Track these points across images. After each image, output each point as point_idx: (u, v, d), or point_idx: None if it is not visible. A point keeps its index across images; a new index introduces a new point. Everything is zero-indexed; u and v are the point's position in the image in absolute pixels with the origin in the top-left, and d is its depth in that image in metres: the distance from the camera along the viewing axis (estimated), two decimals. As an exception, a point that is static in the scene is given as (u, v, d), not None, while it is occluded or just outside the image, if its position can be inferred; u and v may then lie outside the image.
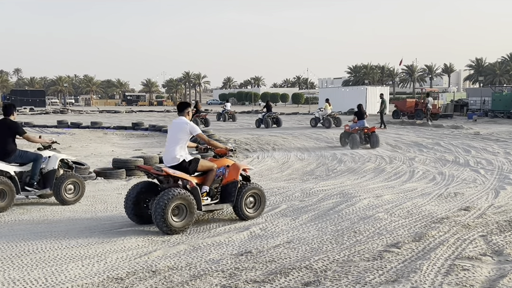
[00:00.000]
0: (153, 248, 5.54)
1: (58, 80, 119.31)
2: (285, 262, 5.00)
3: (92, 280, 4.48)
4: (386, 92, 45.42)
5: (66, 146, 18.65)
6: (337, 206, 7.59)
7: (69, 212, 7.48)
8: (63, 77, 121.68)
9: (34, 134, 12.07)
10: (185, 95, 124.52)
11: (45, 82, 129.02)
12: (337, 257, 5.14)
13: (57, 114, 50.28)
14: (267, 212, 7.33)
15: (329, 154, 15.70)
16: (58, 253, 5.29)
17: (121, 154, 15.11)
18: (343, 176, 11.48)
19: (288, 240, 5.83)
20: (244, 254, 5.27)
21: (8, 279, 4.47)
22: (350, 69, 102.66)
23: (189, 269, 4.80)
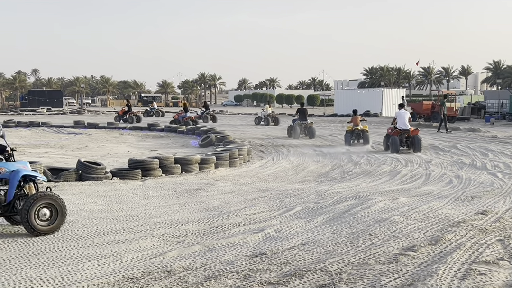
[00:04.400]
0: (168, 249, 5.56)
1: (75, 80, 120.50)
2: (300, 264, 4.99)
3: (107, 279, 4.51)
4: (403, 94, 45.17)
5: (83, 146, 18.84)
6: (352, 209, 7.55)
7: (85, 211, 7.54)
8: (80, 78, 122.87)
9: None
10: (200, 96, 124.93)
11: (63, 83, 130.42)
12: (352, 260, 5.12)
13: (74, 114, 50.85)
14: (282, 214, 7.32)
15: (345, 156, 15.63)
16: (74, 252, 5.34)
17: (137, 155, 15.21)
18: (359, 178, 11.43)
19: (302, 242, 5.82)
20: (258, 256, 5.27)
21: (25, 278, 4.52)
22: (366, 71, 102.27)
23: (203, 270, 4.81)
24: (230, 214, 7.37)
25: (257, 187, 10.14)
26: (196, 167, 12.45)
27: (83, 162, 10.64)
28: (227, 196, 9.10)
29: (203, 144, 19.11)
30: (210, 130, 22.75)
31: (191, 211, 7.72)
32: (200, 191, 9.64)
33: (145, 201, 8.62)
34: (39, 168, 10.04)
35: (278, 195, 9.04)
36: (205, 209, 7.87)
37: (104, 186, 10.01)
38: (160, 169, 11.60)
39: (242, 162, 14.20)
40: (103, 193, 9.17)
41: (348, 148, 18.21)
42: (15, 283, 4.37)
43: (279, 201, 8.37)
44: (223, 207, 7.99)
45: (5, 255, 5.22)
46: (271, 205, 8.04)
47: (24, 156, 15.17)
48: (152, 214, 7.45)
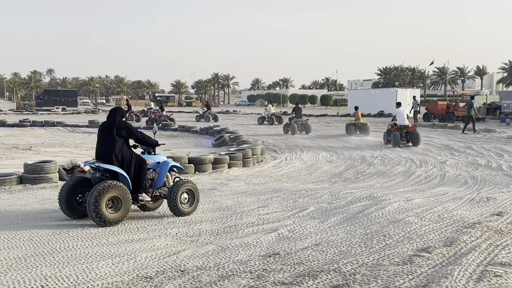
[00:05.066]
0: (182, 248, 5.58)
1: (90, 80, 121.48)
2: (313, 264, 4.97)
3: (122, 278, 4.53)
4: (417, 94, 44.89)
5: (97, 146, 18.94)
6: (366, 209, 7.51)
7: (100, 210, 7.58)
8: (95, 78, 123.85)
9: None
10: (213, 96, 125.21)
11: (77, 83, 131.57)
12: (366, 260, 5.09)
13: (89, 114, 51.19)
14: (295, 214, 7.31)
15: (358, 156, 15.57)
16: (88, 251, 5.38)
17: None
18: (372, 179, 11.37)
19: (316, 242, 5.80)
20: (272, 256, 5.26)
21: (40, 276, 4.56)
22: (380, 71, 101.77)
23: (217, 270, 4.82)
24: (243, 214, 7.37)
25: (270, 187, 10.14)
26: (209, 167, 12.48)
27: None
28: (241, 196, 9.10)
29: (216, 144, 19.14)
30: (223, 130, 22.79)
31: (205, 210, 7.73)
32: (214, 190, 9.65)
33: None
34: (54, 167, 10.14)
35: (291, 195, 9.03)
36: (219, 208, 7.88)
37: (118, 185, 10.06)
38: (173, 168, 11.63)
39: (255, 162, 14.21)
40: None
41: (349, 136, 22.48)
42: (30, 281, 4.40)
43: (292, 201, 8.36)
44: (237, 206, 7.99)
45: (21, 254, 5.26)
46: (284, 205, 8.03)
47: (39, 155, 15.32)
48: (166, 213, 7.47)
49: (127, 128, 6.94)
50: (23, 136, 23.35)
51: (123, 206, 6.65)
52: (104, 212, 6.45)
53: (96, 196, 6.34)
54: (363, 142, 20.43)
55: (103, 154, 6.85)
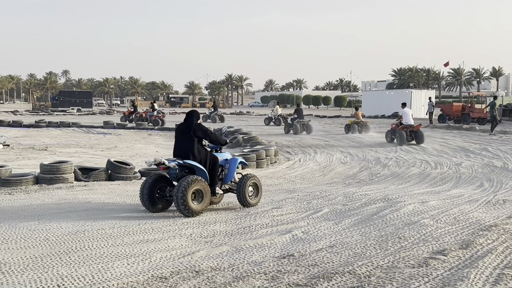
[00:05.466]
0: (196, 249, 5.59)
1: (105, 81, 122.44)
2: (328, 266, 4.96)
3: (137, 278, 4.55)
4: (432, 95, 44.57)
5: (112, 146, 19.09)
6: (381, 211, 7.47)
7: (115, 211, 7.63)
8: (110, 79, 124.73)
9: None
10: (227, 97, 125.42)
11: (92, 84, 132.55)
12: (381, 263, 5.06)
13: (103, 115, 51.58)
14: (310, 216, 7.29)
15: (373, 158, 15.50)
16: (104, 251, 5.41)
17: (165, 155, 15.34)
18: (387, 180, 11.31)
19: (331, 244, 5.78)
20: (286, 257, 5.25)
21: (56, 275, 4.60)
22: (395, 72, 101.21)
23: (231, 270, 4.82)
24: (257, 215, 7.38)
25: (284, 188, 10.13)
26: (223, 168, 12.49)
27: (113, 162, 10.78)
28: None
29: (229, 145, 19.16)
30: (237, 131, 22.82)
31: (219, 211, 7.75)
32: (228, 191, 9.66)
33: (173, 201, 8.68)
34: (70, 168, 10.22)
35: (305, 196, 9.01)
36: (232, 209, 7.89)
37: (133, 185, 10.13)
38: (187, 169, 11.68)
39: (269, 163, 14.21)
40: (132, 193, 9.28)
41: (351, 134, 24.57)
42: (47, 281, 4.44)
43: (306, 203, 8.34)
44: (250, 208, 7.99)
45: (37, 253, 5.31)
46: (298, 207, 8.02)
47: (55, 155, 15.47)
48: (180, 214, 7.49)
49: (203, 130, 7.73)
50: (39, 136, 23.59)
51: (205, 198, 7.41)
52: (190, 203, 7.19)
53: (183, 189, 7.07)
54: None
55: (182, 152, 7.63)
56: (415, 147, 18.45)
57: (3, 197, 8.78)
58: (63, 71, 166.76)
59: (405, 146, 18.86)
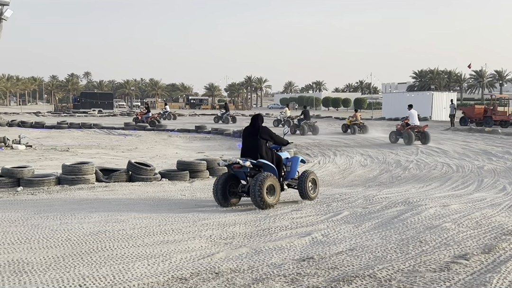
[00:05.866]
0: (216, 250, 5.60)
1: (126, 83, 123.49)
2: (348, 269, 4.93)
3: (157, 279, 4.58)
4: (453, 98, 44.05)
5: (132, 148, 19.26)
6: (401, 215, 7.40)
7: (135, 211, 7.70)
8: (130, 81, 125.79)
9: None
10: (246, 99, 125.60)
11: (113, 85, 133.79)
12: (402, 266, 5.01)
13: (124, 116, 52.08)
14: (329, 218, 7.26)
15: (393, 160, 15.38)
16: (125, 252, 5.46)
17: (185, 157, 15.43)
18: (408, 183, 11.21)
19: (351, 247, 5.75)
20: (306, 260, 5.23)
21: (78, 275, 4.64)
22: (415, 74, 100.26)
23: (251, 272, 4.82)
24: (276, 217, 7.37)
25: (304, 190, 10.08)
26: (242, 170, 12.51)
27: (134, 163, 10.88)
28: (274, 199, 9.10)
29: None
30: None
31: (238, 213, 7.76)
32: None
33: (193, 202, 8.73)
34: (91, 169, 10.33)
35: (325, 199, 8.97)
36: (252, 211, 7.89)
37: (153, 187, 10.21)
38: (207, 171, 11.74)
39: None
40: (152, 194, 9.35)
41: (345, 135, 26.37)
42: (68, 280, 4.49)
43: (326, 205, 8.31)
44: (270, 210, 7.98)
45: (59, 253, 5.38)
46: (318, 209, 7.99)
47: (77, 156, 15.66)
48: (200, 215, 7.52)
49: (268, 132, 8.52)
50: (61, 137, 23.92)
51: (276, 193, 8.15)
52: (265, 197, 7.90)
53: (259, 184, 7.79)
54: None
55: (250, 152, 8.36)
56: (436, 150, 18.26)
57: (26, 197, 8.92)
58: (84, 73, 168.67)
59: (426, 149, 18.69)
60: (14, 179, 9.73)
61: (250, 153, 8.33)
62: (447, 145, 20.22)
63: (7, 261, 5.06)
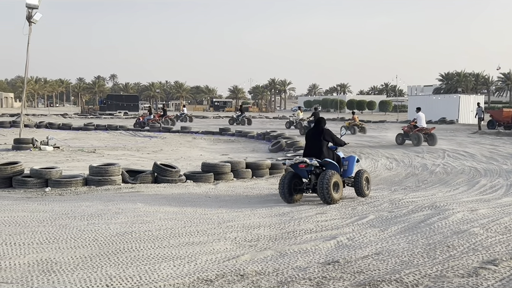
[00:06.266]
0: (241, 252, 5.61)
1: (151, 86, 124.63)
2: (374, 274, 4.88)
3: (183, 280, 4.60)
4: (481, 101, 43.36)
5: (157, 149, 19.43)
6: (428, 219, 7.30)
7: (161, 213, 7.76)
8: (155, 83, 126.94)
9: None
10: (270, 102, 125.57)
11: (139, 88, 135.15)
12: (429, 271, 4.94)
13: (149, 118, 52.42)
14: (355, 222, 7.21)
15: (419, 164, 15.19)
16: (151, 253, 5.50)
17: (209, 159, 15.49)
18: (434, 187, 11.06)
19: (376, 251, 5.69)
20: (331, 263, 5.20)
21: (105, 275, 4.70)
22: (442, 77, 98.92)
23: (276, 275, 4.81)
24: (301, 220, 7.35)
25: (329, 193, 10.03)
26: (266, 172, 12.54)
27: (159, 165, 10.97)
28: (298, 201, 9.07)
29: (273, 149, 19.20)
30: (280, 135, 22.84)
31: (262, 215, 7.76)
32: (271, 195, 9.67)
33: (217, 204, 8.76)
34: (118, 170, 10.45)
35: (350, 202, 8.91)
36: (276, 214, 7.88)
37: (178, 188, 10.27)
38: (231, 173, 11.77)
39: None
40: (178, 196, 9.41)
41: (353, 135, 27.96)
42: (96, 280, 4.55)
43: (351, 209, 8.25)
44: (294, 213, 7.97)
45: (87, 253, 5.45)
46: (343, 213, 7.94)
47: (103, 158, 15.86)
48: (224, 217, 7.55)
49: (330, 134, 9.29)
50: (88, 139, 24.26)
51: (340, 189, 8.90)
52: (332, 193, 8.58)
53: (327, 181, 8.51)
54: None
55: (313, 152, 9.13)
56: (463, 154, 17.99)
57: (54, 197, 9.07)
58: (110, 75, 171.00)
59: (452, 152, 18.43)
60: (42, 179, 9.90)
61: (313, 152, 9.11)
62: (474, 149, 19.90)
63: (36, 260, 5.15)
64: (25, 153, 16.89)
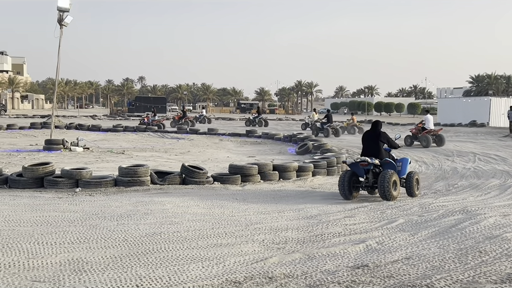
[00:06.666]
0: (269, 255, 5.60)
1: (178, 88, 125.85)
2: (404, 278, 4.81)
3: (211, 281, 4.62)
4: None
5: (185, 151, 19.56)
6: (459, 224, 7.17)
7: (189, 214, 7.80)
8: (183, 85, 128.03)
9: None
10: (296, 104, 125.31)
11: (166, 90, 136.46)
12: (461, 277, 4.85)
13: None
14: (384, 226, 7.12)
15: (449, 168, 14.95)
16: (179, 254, 5.53)
17: (236, 160, 15.51)
18: (465, 192, 10.86)
19: (407, 256, 5.61)
20: (360, 267, 5.15)
21: (135, 275, 4.74)
22: (472, 79, 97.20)
23: (304, 278, 4.78)
24: (329, 223, 7.30)
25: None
26: (293, 175, 12.48)
27: (187, 166, 11.03)
28: (326, 204, 9.01)
29: (299, 151, 19.15)
30: (306, 137, 22.76)
31: (290, 218, 7.73)
32: (298, 198, 9.63)
33: (244, 206, 8.76)
34: (146, 171, 10.55)
35: (378, 206, 8.81)
36: (304, 217, 7.85)
37: (206, 190, 10.32)
38: (258, 175, 11.76)
39: (340, 170, 14.03)
40: (205, 197, 9.45)
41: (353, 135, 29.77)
42: (126, 280, 4.59)
43: (380, 213, 8.16)
44: (322, 216, 7.92)
45: (117, 253, 5.51)
46: (371, 216, 7.85)
47: (132, 159, 16.04)
48: (252, 219, 7.55)
49: (386, 136, 9.96)
50: (117, 140, 24.58)
51: (397, 187, 9.47)
52: (391, 190, 9.18)
53: (387, 180, 9.13)
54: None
55: (371, 153, 9.73)
56: (494, 157, 17.64)
57: (84, 198, 9.20)
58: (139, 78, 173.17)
59: (483, 156, 18.09)
60: (73, 180, 10.05)
61: (371, 153, 9.71)
62: (506, 152, 19.50)
63: (67, 259, 5.23)
64: (56, 153, 17.20)
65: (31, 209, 7.99)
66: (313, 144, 19.30)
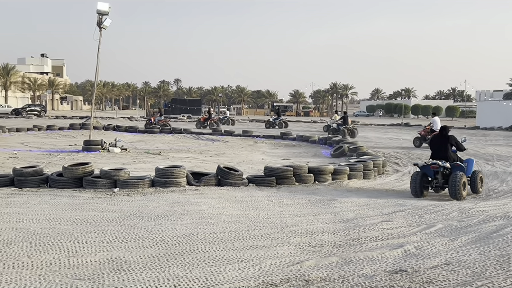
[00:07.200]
0: (305, 258, 5.57)
1: (213, 90, 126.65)
2: (444, 284, 4.71)
3: (248, 283, 4.62)
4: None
5: (220, 153, 19.67)
6: (501, 230, 6.98)
7: (225, 215, 7.83)
8: (218, 87, 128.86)
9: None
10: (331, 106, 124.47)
11: (201, 92, 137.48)
12: (503, 284, 4.72)
13: (211, 122, 53.20)
14: (422, 231, 7.00)
15: (489, 172, 14.59)
16: (216, 255, 5.56)
17: (271, 162, 15.52)
18: (506, 197, 10.58)
19: (446, 261, 5.50)
20: (399, 272, 5.06)
21: (172, 276, 4.79)
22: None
23: (341, 282, 4.74)
24: (366, 227, 7.21)
25: (393, 201, 9.81)
26: (329, 177, 12.39)
27: (222, 168, 11.09)
28: (362, 208, 8.92)
29: (335, 154, 19.00)
30: (342, 140, 22.58)
31: (326, 221, 7.68)
32: (334, 202, 9.55)
33: (280, 208, 8.75)
34: (183, 172, 10.65)
35: (416, 210, 8.66)
36: (340, 220, 7.78)
37: (241, 192, 10.35)
38: (293, 177, 11.72)
39: (376, 174, 13.87)
40: (240, 199, 9.48)
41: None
42: (164, 280, 4.65)
43: (418, 217, 8.02)
44: (359, 219, 7.84)
45: (154, 253, 5.58)
46: (409, 221, 7.73)
47: (168, 160, 16.22)
48: (288, 222, 7.53)
49: (455, 140, 10.69)
50: (153, 141, 24.91)
51: (466, 187, 10.20)
52: (462, 191, 9.95)
53: (458, 181, 9.90)
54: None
55: (441, 156, 10.52)
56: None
57: (122, 198, 9.35)
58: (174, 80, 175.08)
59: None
60: (111, 180, 10.23)
61: (441, 156, 10.47)
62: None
63: (106, 258, 5.33)
64: (94, 154, 17.56)
65: (70, 208, 8.17)
66: (349, 147, 19.13)
